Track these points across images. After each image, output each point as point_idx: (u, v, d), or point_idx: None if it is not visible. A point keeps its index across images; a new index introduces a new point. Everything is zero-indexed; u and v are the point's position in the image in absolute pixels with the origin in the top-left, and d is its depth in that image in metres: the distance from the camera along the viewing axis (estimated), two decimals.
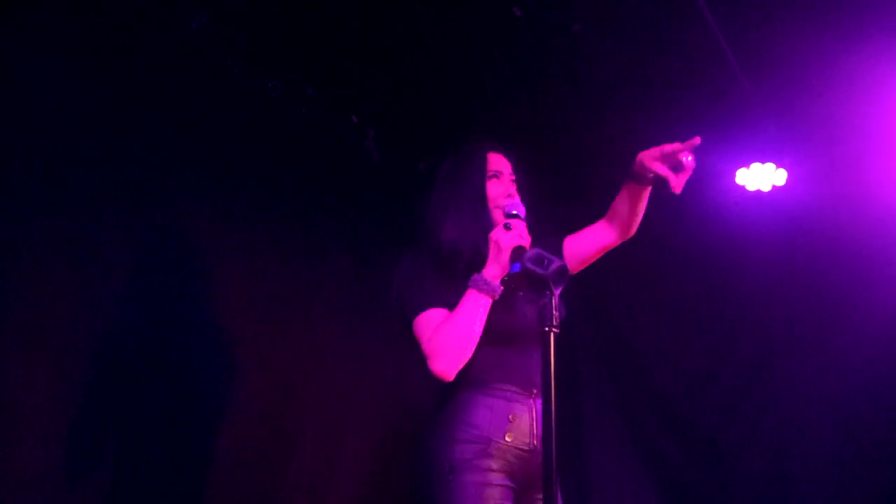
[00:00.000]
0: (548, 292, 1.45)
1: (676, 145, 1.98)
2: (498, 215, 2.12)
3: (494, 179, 2.18)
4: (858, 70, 3.25)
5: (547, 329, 1.46)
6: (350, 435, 3.47)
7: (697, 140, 1.98)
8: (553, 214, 2.38)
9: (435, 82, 3.62)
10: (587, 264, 2.25)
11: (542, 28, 3.28)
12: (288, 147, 3.45)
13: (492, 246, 1.93)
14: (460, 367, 1.94)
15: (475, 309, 1.92)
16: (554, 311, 1.44)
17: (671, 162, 1.99)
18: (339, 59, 3.42)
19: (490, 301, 1.94)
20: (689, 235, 4.07)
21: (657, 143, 2.02)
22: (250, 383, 3.07)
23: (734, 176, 3.86)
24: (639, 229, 2.19)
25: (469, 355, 1.94)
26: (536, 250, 1.46)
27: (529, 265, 1.43)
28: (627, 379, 4.38)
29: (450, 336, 1.92)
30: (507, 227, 1.92)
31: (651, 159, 2.00)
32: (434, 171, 2.31)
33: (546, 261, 1.41)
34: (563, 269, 1.45)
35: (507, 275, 1.90)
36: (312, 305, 3.45)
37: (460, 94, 3.71)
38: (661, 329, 4.28)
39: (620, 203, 2.15)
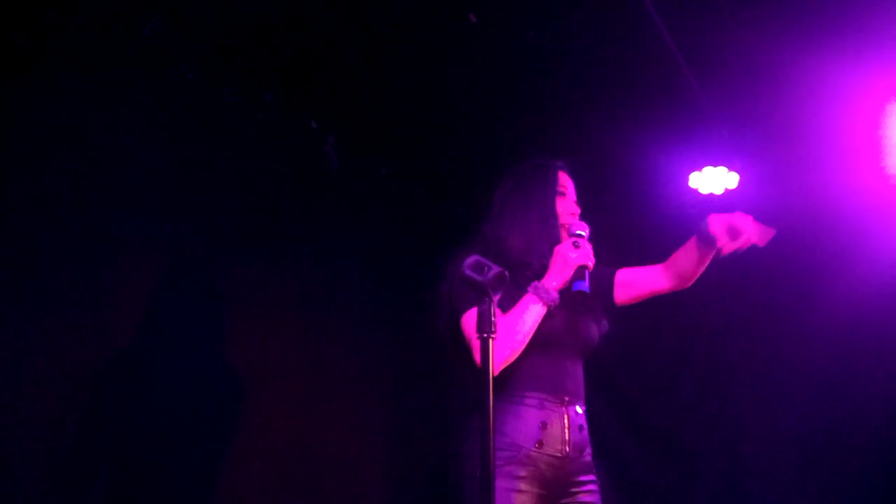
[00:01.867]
0: (486, 298, 1.47)
1: (750, 227, 2.02)
2: (563, 232, 2.20)
3: (561, 197, 2.26)
4: (808, 74, 3.31)
5: (486, 336, 1.48)
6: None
7: (772, 232, 2.05)
8: None
9: (396, 87, 3.64)
10: (635, 301, 2.27)
11: (497, 34, 3.32)
12: (245, 154, 3.43)
13: (557, 259, 2.04)
14: (506, 364, 1.99)
15: (530, 312, 2.00)
16: (493, 318, 1.47)
17: (735, 234, 2.03)
18: (297, 64, 3.42)
19: (545, 309, 2.02)
20: (644, 239, 4.11)
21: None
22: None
23: (687, 179, 3.92)
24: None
25: (516, 356, 2.00)
26: (475, 257, 1.48)
27: (468, 272, 1.45)
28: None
29: (503, 332, 1.94)
30: (575, 244, 2.02)
31: (717, 225, 2.03)
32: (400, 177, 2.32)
33: (485, 267, 1.43)
34: (502, 276, 1.48)
35: (571, 291, 1.99)
36: (271, 309, 3.44)
37: (422, 99, 3.74)
38: (615, 332, 4.30)
39: (687, 256, 2.15)
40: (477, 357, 1.89)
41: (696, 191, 3.91)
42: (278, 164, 3.58)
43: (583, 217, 2.22)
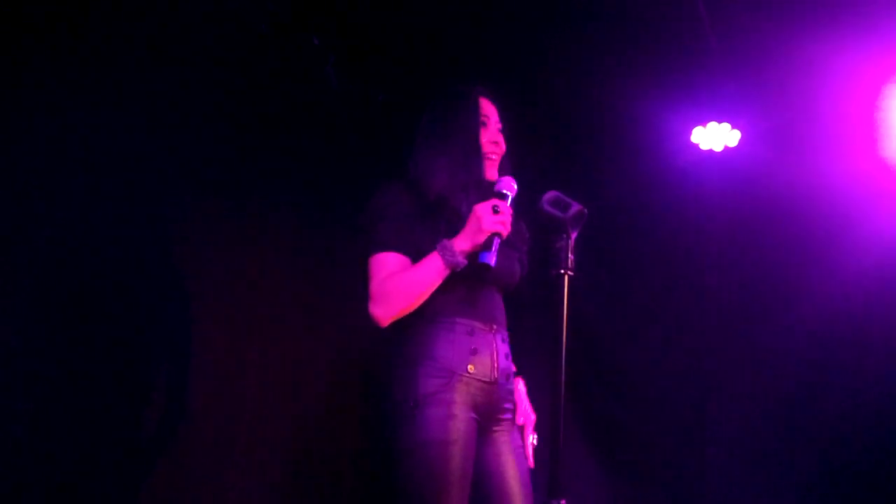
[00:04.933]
0: (564, 235, 1.43)
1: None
2: (486, 163, 2.12)
3: (482, 127, 2.15)
4: (820, 42, 3.34)
5: (562, 272, 1.45)
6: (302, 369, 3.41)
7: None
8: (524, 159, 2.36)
9: (402, 15, 3.51)
10: None
11: None
12: (245, 66, 3.27)
13: (472, 220, 1.92)
14: (396, 317, 1.97)
15: (433, 274, 1.95)
16: (570, 255, 1.43)
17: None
18: None
19: (448, 273, 1.95)
20: (637, 192, 4.11)
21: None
22: (202, 318, 2.97)
23: (690, 134, 3.91)
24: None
25: (407, 312, 1.97)
26: (555, 193, 1.43)
27: (547, 207, 1.41)
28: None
29: (400, 289, 1.95)
30: (495, 209, 1.89)
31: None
32: (402, 105, 2.25)
33: (564, 204, 1.39)
34: (581, 214, 1.44)
35: (476, 264, 1.90)
36: (264, 233, 3.33)
37: (427, 26, 3.61)
38: (606, 287, 4.32)
39: None
40: (371, 301, 1.96)
41: (696, 146, 3.90)
42: (279, 80, 3.42)
43: (510, 144, 2.15)
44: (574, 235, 1.47)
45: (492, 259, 1.88)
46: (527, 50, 3.62)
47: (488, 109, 2.20)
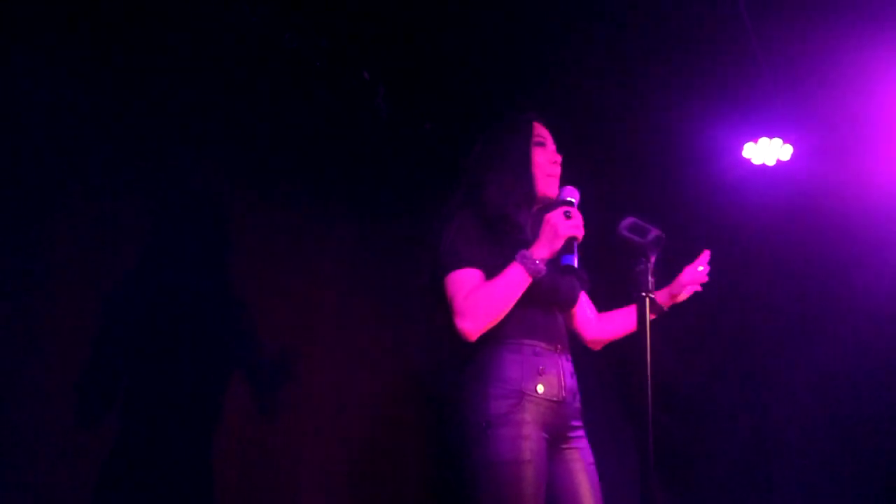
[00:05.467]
0: (643, 259, 1.46)
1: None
2: (543, 182, 2.19)
3: (539, 148, 2.24)
4: (869, 56, 3.35)
5: (644, 294, 1.48)
6: (357, 393, 3.46)
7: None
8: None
9: (447, 43, 3.58)
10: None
11: None
12: (299, 100, 3.37)
13: (547, 228, 1.98)
14: (485, 331, 2.00)
15: (516, 283, 1.99)
16: (650, 277, 1.46)
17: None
18: (354, 12, 3.35)
19: (530, 280, 1.99)
20: (692, 207, 4.11)
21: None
22: (253, 342, 3.04)
23: (741, 150, 3.91)
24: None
25: (495, 323, 2.01)
26: (632, 218, 1.47)
27: (626, 233, 1.44)
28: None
29: (486, 300, 1.98)
30: (567, 214, 1.95)
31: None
32: (466, 134, 2.32)
33: (643, 230, 1.42)
34: (660, 239, 1.47)
35: (559, 264, 1.95)
36: (319, 261, 3.41)
37: (473, 56, 3.68)
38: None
39: (621, 322, 2.36)
40: (457, 317, 1.98)
41: (748, 161, 3.89)
42: (331, 113, 3.52)
43: (568, 166, 2.21)
44: (654, 259, 1.50)
45: (574, 261, 1.94)
46: (576, 72, 3.66)
47: (543, 132, 2.28)
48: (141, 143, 2.68)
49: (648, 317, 1.46)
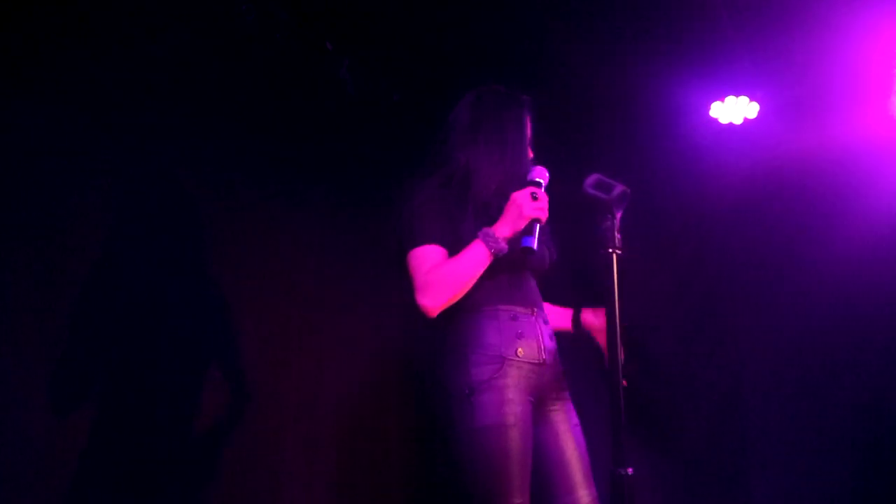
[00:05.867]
0: (609, 216, 1.45)
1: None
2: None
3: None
4: (834, 7, 3.32)
5: (610, 251, 1.47)
6: (339, 366, 3.45)
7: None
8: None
9: (412, 12, 3.52)
10: None
11: None
12: (261, 74, 3.30)
13: (512, 207, 1.98)
14: (444, 307, 2.01)
15: (477, 261, 2.00)
16: (616, 234, 1.45)
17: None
18: None
19: (492, 258, 2.00)
20: (659, 167, 4.11)
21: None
22: (234, 327, 3.02)
23: (708, 109, 3.90)
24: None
25: (456, 300, 2.02)
26: (597, 175, 1.45)
27: (591, 190, 1.43)
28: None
29: (447, 277, 1.99)
30: (533, 196, 1.95)
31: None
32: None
33: (608, 186, 1.41)
34: (625, 194, 1.45)
35: (520, 248, 1.95)
36: (285, 238, 3.36)
37: (439, 25, 3.62)
38: (630, 266, 4.30)
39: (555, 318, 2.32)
40: (418, 293, 1.99)
41: (716, 120, 3.89)
42: (294, 87, 3.45)
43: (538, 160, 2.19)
44: (619, 215, 1.49)
45: (533, 243, 1.93)
46: (540, 33, 3.62)
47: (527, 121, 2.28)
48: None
49: (616, 273, 1.45)
